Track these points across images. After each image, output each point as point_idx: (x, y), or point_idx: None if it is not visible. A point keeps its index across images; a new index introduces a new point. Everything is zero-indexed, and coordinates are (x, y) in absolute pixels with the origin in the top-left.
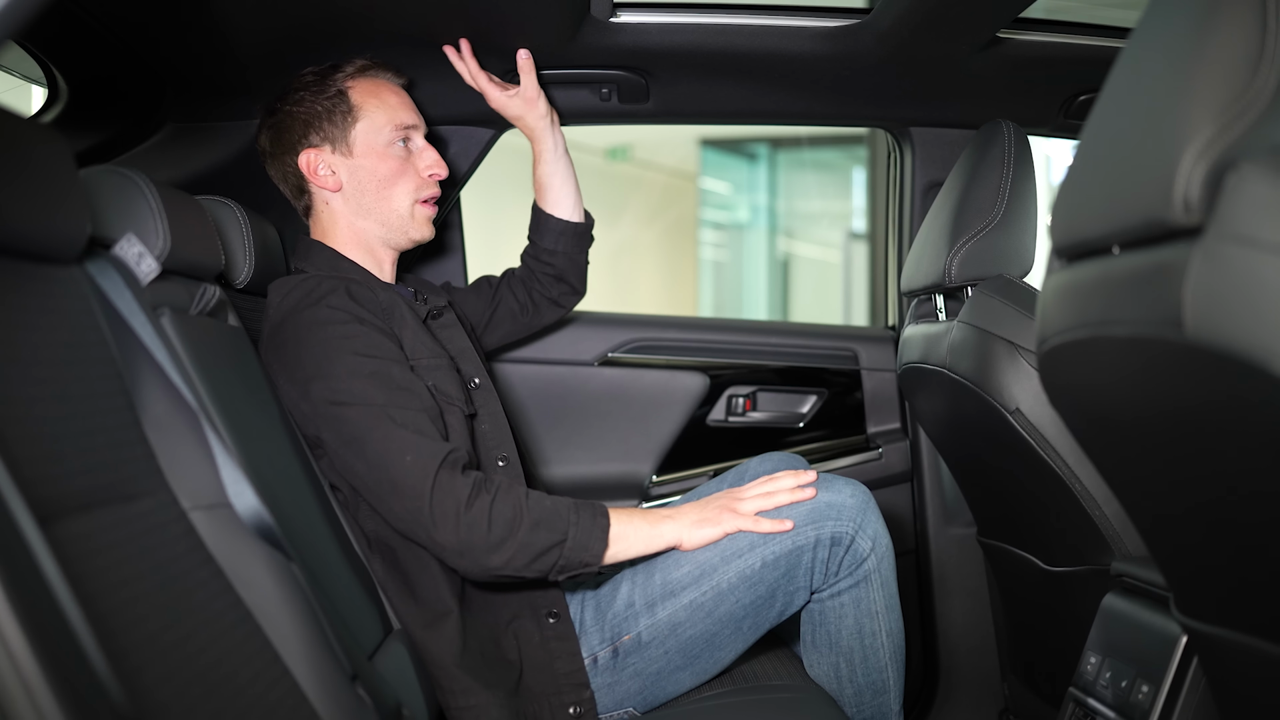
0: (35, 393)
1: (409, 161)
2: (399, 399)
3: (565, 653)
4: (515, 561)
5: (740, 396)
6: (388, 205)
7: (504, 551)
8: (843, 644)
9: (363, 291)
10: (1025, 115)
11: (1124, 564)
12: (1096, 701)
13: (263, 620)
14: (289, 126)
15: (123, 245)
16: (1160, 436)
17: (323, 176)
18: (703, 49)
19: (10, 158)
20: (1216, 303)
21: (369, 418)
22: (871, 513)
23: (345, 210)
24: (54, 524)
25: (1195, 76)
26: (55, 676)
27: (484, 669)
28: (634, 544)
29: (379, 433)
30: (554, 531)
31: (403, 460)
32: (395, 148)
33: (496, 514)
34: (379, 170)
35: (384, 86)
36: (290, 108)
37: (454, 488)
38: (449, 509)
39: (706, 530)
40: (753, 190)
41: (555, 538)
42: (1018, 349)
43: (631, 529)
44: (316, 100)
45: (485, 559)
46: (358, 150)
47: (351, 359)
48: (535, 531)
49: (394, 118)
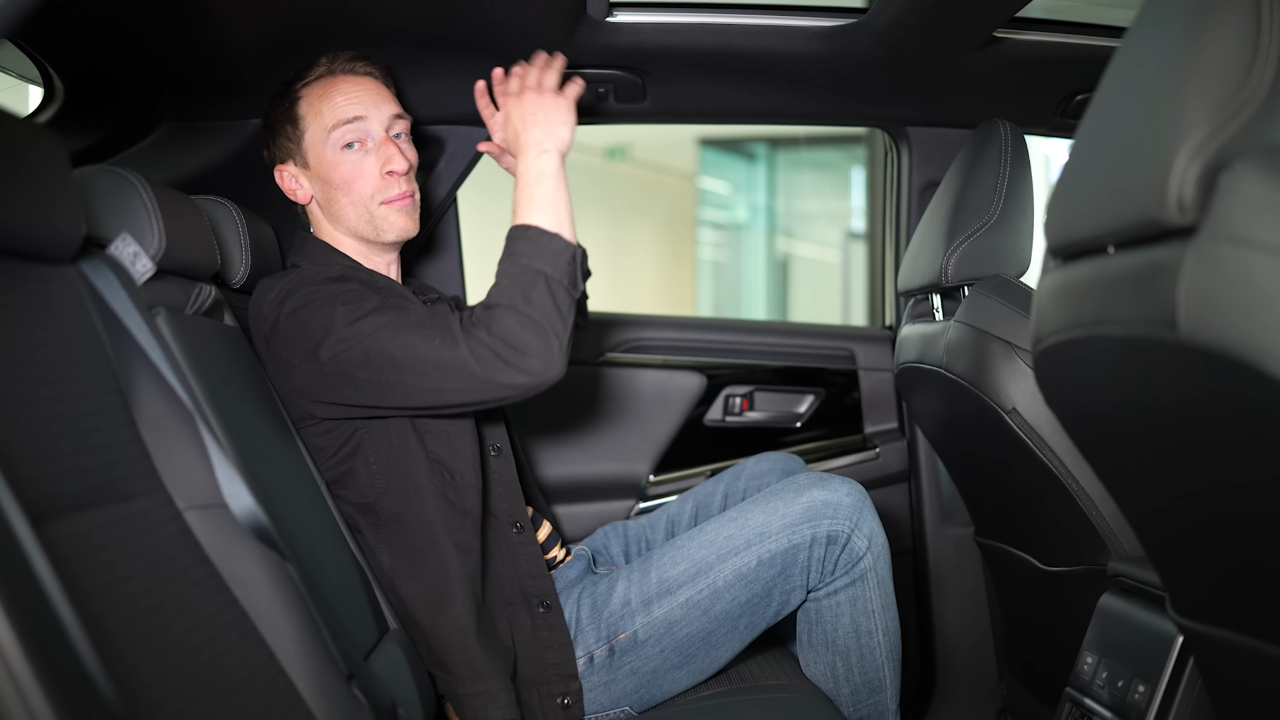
0: (29, 392)
1: (361, 165)
2: (401, 316)
3: (556, 643)
4: (551, 323)
5: (737, 396)
6: (353, 212)
7: (541, 334)
8: (839, 642)
9: (360, 272)
10: (1022, 115)
11: (1120, 564)
12: (1093, 701)
13: (258, 620)
14: (266, 141)
15: (118, 245)
16: (1155, 435)
17: (294, 190)
18: (699, 48)
19: (5, 157)
20: (1210, 302)
21: (384, 335)
22: (867, 511)
23: (323, 217)
24: (48, 524)
25: (1189, 76)
26: (47, 676)
27: (492, 652)
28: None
29: (400, 339)
30: (535, 284)
31: (431, 344)
32: (344, 153)
33: (507, 330)
34: (332, 178)
35: (335, 85)
36: (264, 119)
37: (477, 339)
38: (489, 357)
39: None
40: (751, 190)
41: (539, 281)
42: (1014, 349)
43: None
44: (276, 113)
45: (545, 358)
46: (311, 162)
47: (346, 309)
48: (531, 301)
49: (336, 115)
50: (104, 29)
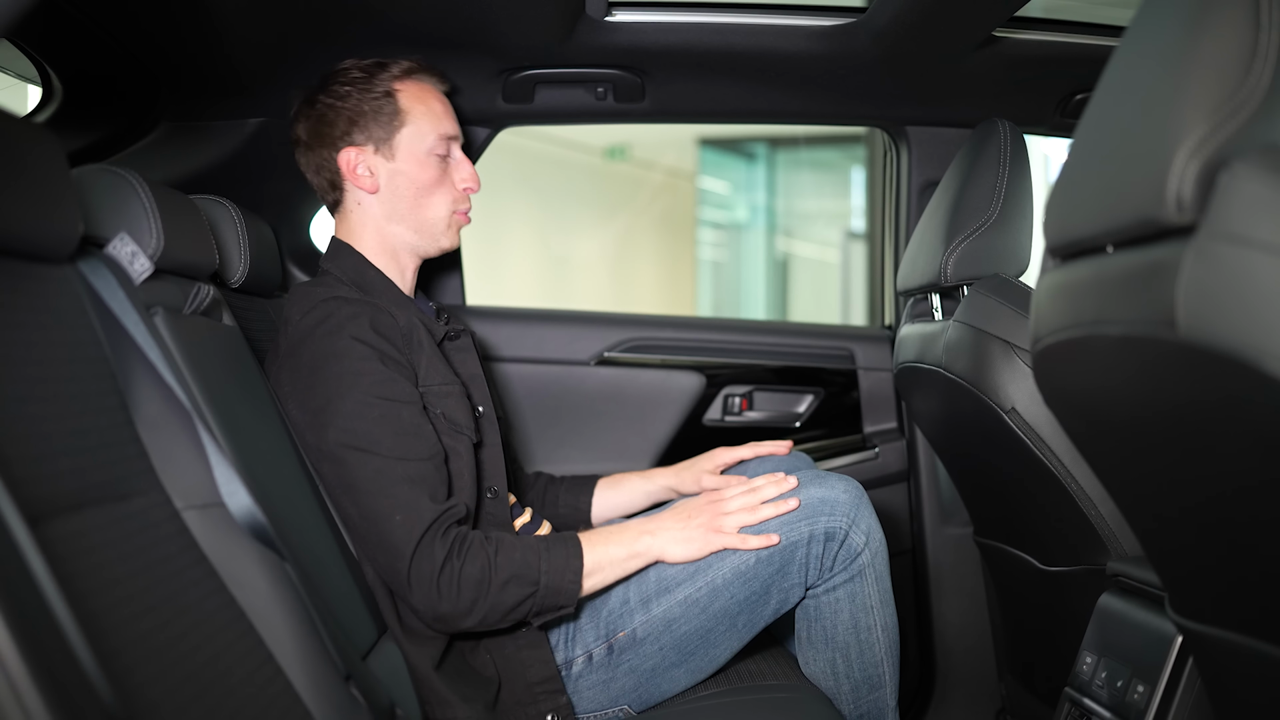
0: (27, 392)
1: (446, 172)
2: (403, 447)
3: (537, 661)
4: (489, 619)
5: (737, 396)
6: (423, 213)
7: (476, 614)
8: (838, 639)
9: (384, 320)
10: (1021, 114)
11: (1120, 564)
12: (1092, 701)
13: (256, 620)
14: (332, 121)
15: (116, 244)
16: (1153, 435)
17: (361, 176)
18: (698, 48)
19: (3, 157)
20: (1209, 301)
21: (369, 467)
22: (865, 507)
23: (378, 213)
24: (45, 523)
25: (1188, 75)
26: (44, 676)
27: (461, 684)
28: (610, 573)
29: (375, 485)
30: (524, 584)
31: (392, 519)
32: (436, 158)
33: (465, 578)
34: (418, 178)
35: (430, 93)
36: (334, 101)
37: (433, 554)
38: (426, 575)
39: (689, 550)
40: (751, 190)
41: (526, 590)
42: (1013, 348)
43: (607, 558)
44: (363, 98)
45: (458, 623)
46: (400, 155)
47: (362, 398)
48: (505, 590)
49: (439, 126)
50: (102, 28)
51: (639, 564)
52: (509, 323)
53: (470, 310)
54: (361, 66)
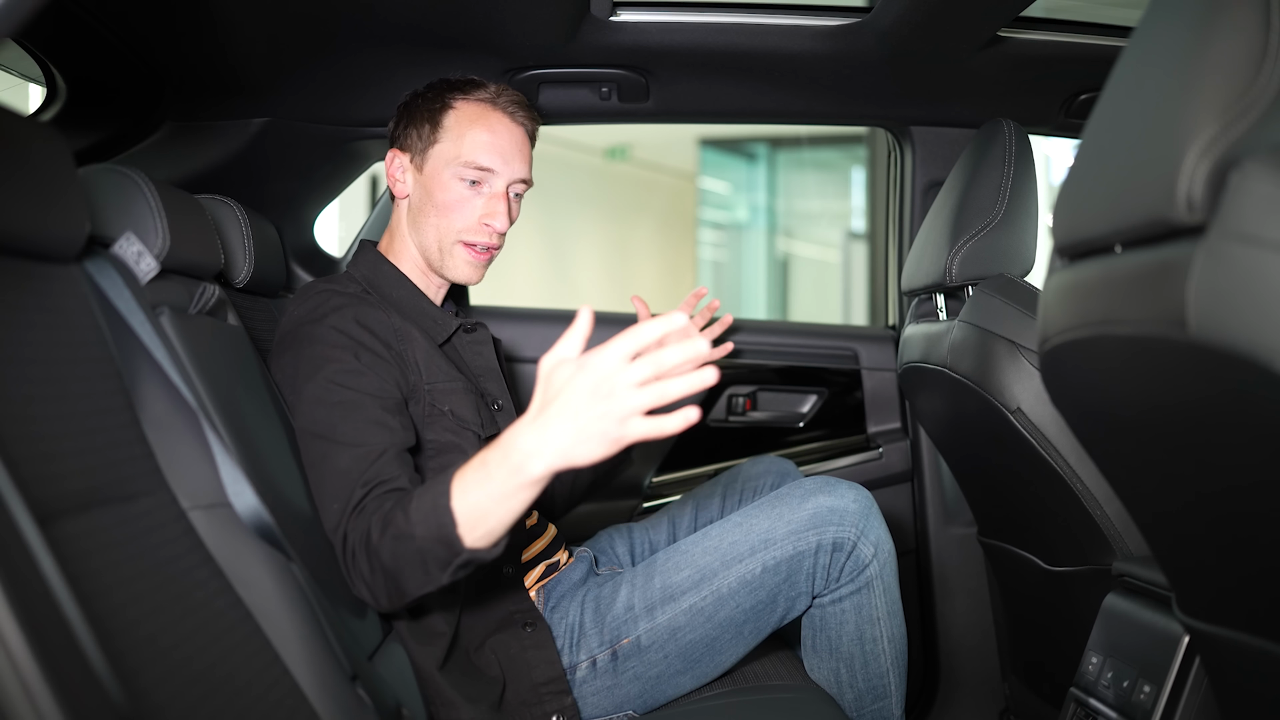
0: (34, 392)
1: (469, 201)
2: (357, 434)
3: (542, 661)
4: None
5: (741, 396)
6: (434, 234)
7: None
8: (843, 649)
9: (372, 315)
10: (1026, 114)
11: (1126, 564)
12: (1098, 702)
13: (262, 620)
14: (397, 119)
15: (122, 244)
16: (1162, 434)
17: (396, 180)
18: (703, 48)
19: (9, 156)
20: (1220, 301)
21: (317, 450)
22: (874, 518)
23: (404, 218)
24: (53, 523)
25: (1198, 75)
26: (54, 676)
27: (465, 683)
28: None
29: (321, 469)
30: (404, 540)
31: (331, 507)
32: (460, 183)
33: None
34: (437, 196)
35: (488, 118)
36: (407, 102)
37: (349, 533)
38: (347, 554)
39: (593, 452)
40: (752, 190)
41: (407, 545)
42: (1019, 348)
43: (486, 496)
44: (424, 106)
45: (380, 598)
46: (427, 169)
47: (323, 385)
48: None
49: (470, 154)
50: (107, 29)
51: (535, 490)
52: (513, 323)
53: (475, 310)
54: (451, 80)
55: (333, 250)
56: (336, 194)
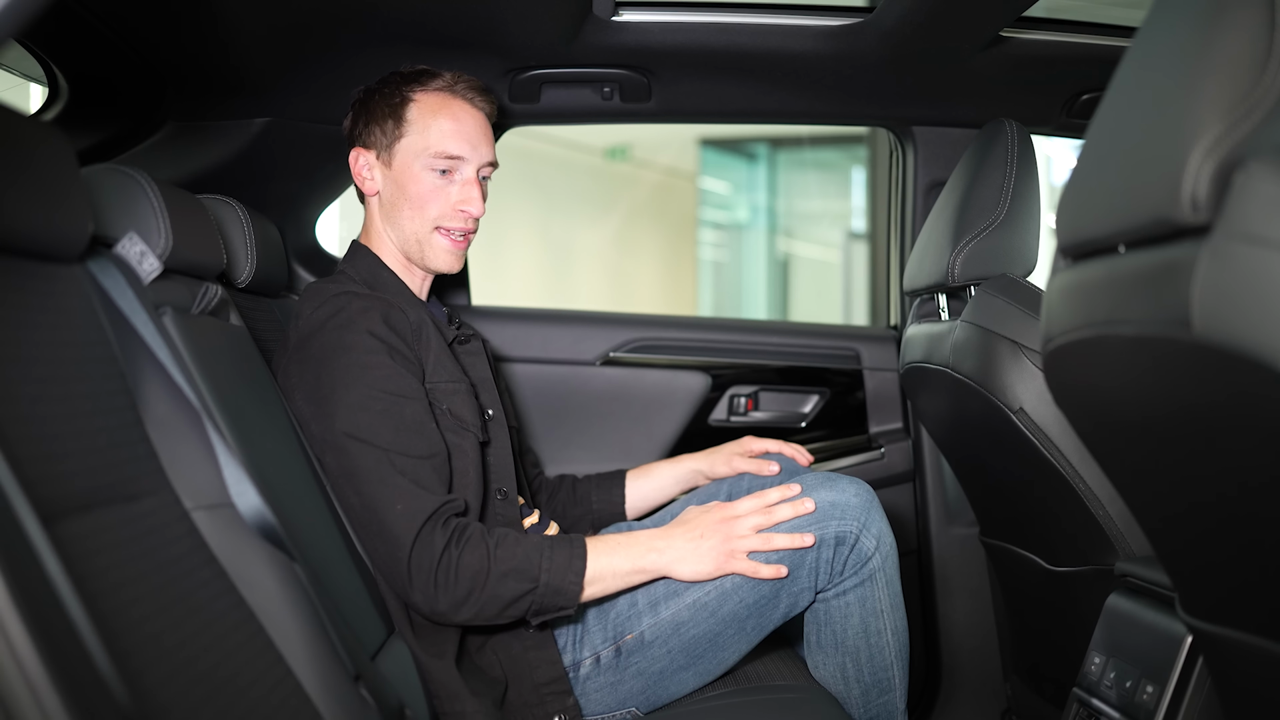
0: (37, 392)
1: (442, 190)
2: (404, 442)
3: (544, 662)
4: (485, 612)
5: (742, 396)
6: (410, 226)
7: (471, 605)
8: (848, 643)
9: (396, 315)
10: (1028, 114)
11: (1128, 564)
12: (1100, 702)
13: (265, 621)
14: (355, 117)
15: (125, 244)
16: (1166, 435)
17: (364, 178)
18: (705, 48)
19: (12, 156)
20: (1225, 301)
21: (370, 457)
22: (875, 511)
23: (379, 216)
24: (56, 524)
25: (1203, 75)
26: (60, 676)
27: (470, 677)
28: (612, 584)
29: (377, 474)
30: (524, 580)
31: (393, 508)
32: (431, 174)
33: (463, 568)
34: (410, 189)
35: (449, 106)
36: (362, 99)
37: (433, 543)
38: (425, 564)
39: (699, 570)
40: (752, 190)
41: (525, 586)
42: (1021, 348)
43: (610, 569)
44: (382, 102)
45: (455, 614)
46: (396, 164)
47: (367, 391)
48: (503, 583)
49: (438, 145)
50: (109, 28)
51: (643, 579)
52: (514, 323)
53: (475, 311)
54: (404, 72)
55: (334, 250)
56: (338, 194)
